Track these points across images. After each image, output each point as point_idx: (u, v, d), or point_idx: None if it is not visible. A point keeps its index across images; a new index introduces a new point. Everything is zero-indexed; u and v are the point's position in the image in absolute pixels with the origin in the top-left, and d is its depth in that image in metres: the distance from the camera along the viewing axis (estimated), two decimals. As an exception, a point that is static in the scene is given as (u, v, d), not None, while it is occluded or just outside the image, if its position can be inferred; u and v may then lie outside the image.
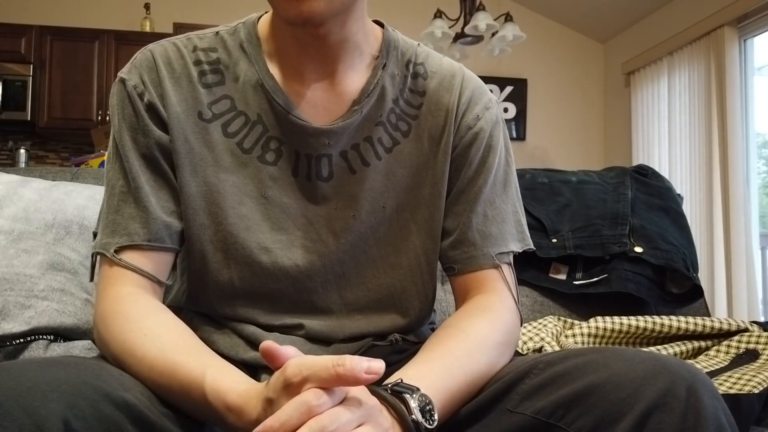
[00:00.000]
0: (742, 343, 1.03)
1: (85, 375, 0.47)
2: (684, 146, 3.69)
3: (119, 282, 0.63)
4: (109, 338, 0.60)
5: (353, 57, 0.69)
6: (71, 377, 0.45)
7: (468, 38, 3.26)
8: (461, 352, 0.60)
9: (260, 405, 0.47)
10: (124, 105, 0.67)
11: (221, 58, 0.69)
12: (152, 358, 0.55)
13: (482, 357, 0.61)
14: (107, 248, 0.64)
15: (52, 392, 0.43)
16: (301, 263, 0.69)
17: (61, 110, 4.14)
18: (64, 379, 0.45)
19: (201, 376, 0.52)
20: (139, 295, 0.63)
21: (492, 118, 0.74)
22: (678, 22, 3.83)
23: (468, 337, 0.62)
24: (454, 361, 0.59)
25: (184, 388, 0.53)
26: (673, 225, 1.31)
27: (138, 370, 0.56)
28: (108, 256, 0.64)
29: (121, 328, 0.59)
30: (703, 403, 0.46)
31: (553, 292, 1.26)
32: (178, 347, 0.57)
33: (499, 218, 0.73)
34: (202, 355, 0.57)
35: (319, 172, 0.69)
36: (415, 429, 0.49)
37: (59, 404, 0.42)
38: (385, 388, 0.52)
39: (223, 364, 0.55)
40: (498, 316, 0.67)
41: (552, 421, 0.51)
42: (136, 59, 0.68)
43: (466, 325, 0.65)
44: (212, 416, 0.52)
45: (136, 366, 0.56)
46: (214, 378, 0.52)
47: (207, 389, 0.51)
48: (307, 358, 0.46)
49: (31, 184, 1.09)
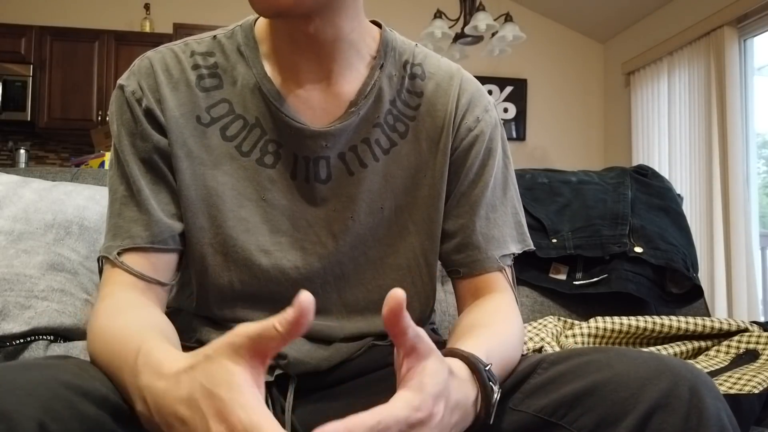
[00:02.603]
0: (742, 343, 1.03)
1: (63, 375, 0.46)
2: (684, 146, 3.69)
3: (116, 283, 0.63)
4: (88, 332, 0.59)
5: (349, 57, 0.69)
6: (47, 379, 0.45)
7: (468, 38, 3.26)
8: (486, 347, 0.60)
9: (188, 365, 0.44)
10: (123, 111, 0.67)
11: (219, 62, 0.69)
12: (109, 333, 0.55)
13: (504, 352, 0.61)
14: (110, 251, 0.65)
15: (26, 396, 0.42)
16: (301, 265, 0.69)
17: (61, 110, 4.14)
18: (39, 382, 0.44)
19: (139, 343, 0.50)
20: (129, 293, 0.63)
21: (491, 120, 0.74)
22: (678, 22, 3.83)
23: (489, 334, 0.62)
24: (503, 347, 0.60)
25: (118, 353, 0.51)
26: (673, 225, 1.31)
27: (93, 350, 0.56)
28: (111, 259, 0.64)
29: (98, 321, 0.59)
30: (706, 403, 0.46)
31: (553, 292, 1.26)
32: (137, 324, 0.55)
33: (501, 221, 0.74)
34: (148, 331, 0.54)
35: (318, 174, 0.69)
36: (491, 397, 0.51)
37: (34, 408, 0.42)
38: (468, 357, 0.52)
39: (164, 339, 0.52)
40: (509, 315, 0.68)
41: (554, 419, 0.51)
42: (134, 66, 0.69)
43: (484, 321, 0.65)
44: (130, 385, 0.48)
45: (91, 347, 0.56)
46: (152, 346, 0.49)
47: (140, 353, 0.49)
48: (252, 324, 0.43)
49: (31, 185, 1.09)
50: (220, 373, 0.42)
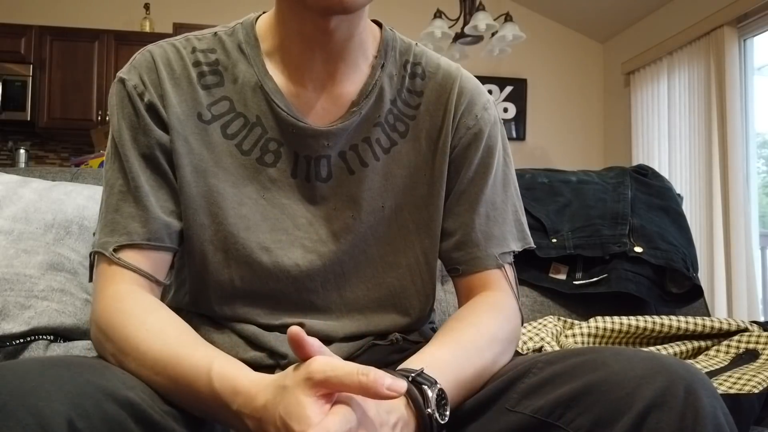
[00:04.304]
0: (742, 343, 1.03)
1: (89, 374, 0.47)
2: (684, 146, 3.69)
3: (117, 280, 0.63)
4: (110, 334, 0.59)
5: (357, 56, 0.69)
6: (75, 377, 0.46)
7: (468, 38, 3.26)
8: (471, 345, 0.61)
9: (272, 391, 0.48)
10: (124, 104, 0.67)
11: (220, 60, 0.69)
12: (157, 351, 0.55)
13: (489, 352, 0.62)
14: (106, 247, 0.64)
15: (56, 392, 0.43)
16: (302, 263, 0.69)
17: (61, 110, 4.14)
18: (67, 379, 0.45)
19: (208, 365, 0.52)
20: (138, 292, 0.63)
21: (491, 118, 0.74)
22: (678, 22, 3.83)
23: (478, 332, 0.63)
24: (465, 354, 0.59)
25: (188, 379, 0.53)
26: (673, 225, 1.31)
27: (140, 365, 0.56)
28: (107, 255, 0.63)
29: (122, 324, 0.59)
30: (702, 402, 0.46)
31: (553, 292, 1.26)
32: (182, 341, 0.57)
33: (501, 218, 0.74)
34: (207, 348, 0.57)
35: (318, 173, 0.69)
36: (429, 423, 0.50)
37: (63, 404, 0.42)
38: (407, 375, 0.52)
39: (229, 356, 0.55)
40: (504, 313, 0.68)
41: (550, 420, 0.51)
42: (135, 60, 0.68)
43: (475, 319, 0.65)
44: (216, 406, 0.51)
45: (139, 360, 0.56)
46: (222, 366, 0.52)
47: (214, 376, 0.51)
48: (333, 359, 0.47)
49: (31, 185, 1.09)
50: (292, 404, 0.45)
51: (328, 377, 0.45)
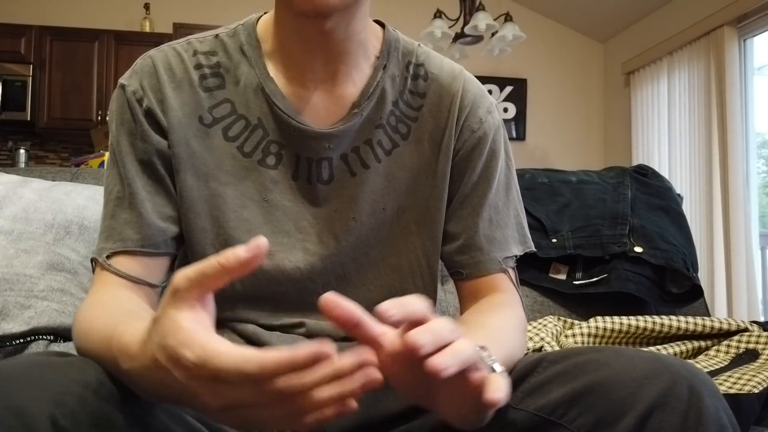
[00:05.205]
0: (742, 343, 1.03)
1: (71, 372, 0.47)
2: (684, 146, 3.69)
3: (108, 287, 0.63)
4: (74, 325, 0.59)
5: (357, 57, 0.69)
6: (57, 375, 0.45)
7: (468, 38, 3.26)
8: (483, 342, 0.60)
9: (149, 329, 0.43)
10: (123, 110, 0.67)
11: (222, 62, 0.69)
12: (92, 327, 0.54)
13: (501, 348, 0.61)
14: (101, 254, 0.65)
15: (38, 391, 0.43)
16: (303, 265, 0.69)
17: (61, 110, 4.14)
18: (50, 377, 0.45)
19: (110, 346, 0.49)
20: (115, 290, 0.62)
21: (494, 122, 0.74)
22: (678, 22, 3.83)
23: (488, 330, 0.63)
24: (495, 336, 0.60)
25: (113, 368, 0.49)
26: (672, 225, 1.31)
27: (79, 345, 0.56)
28: (100, 261, 0.64)
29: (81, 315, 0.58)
30: (705, 402, 0.46)
31: (553, 292, 1.26)
32: (120, 315, 0.54)
33: (503, 222, 0.74)
34: (126, 316, 0.54)
35: (320, 175, 0.69)
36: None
37: (46, 402, 0.42)
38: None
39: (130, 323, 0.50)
40: (512, 312, 0.69)
41: (553, 418, 0.51)
42: (136, 65, 0.68)
43: (484, 319, 0.65)
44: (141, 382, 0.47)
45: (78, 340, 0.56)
46: (118, 341, 0.48)
47: (113, 340, 0.48)
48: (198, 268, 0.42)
49: (31, 184, 1.09)
50: (166, 324, 0.41)
51: (188, 276, 0.41)
